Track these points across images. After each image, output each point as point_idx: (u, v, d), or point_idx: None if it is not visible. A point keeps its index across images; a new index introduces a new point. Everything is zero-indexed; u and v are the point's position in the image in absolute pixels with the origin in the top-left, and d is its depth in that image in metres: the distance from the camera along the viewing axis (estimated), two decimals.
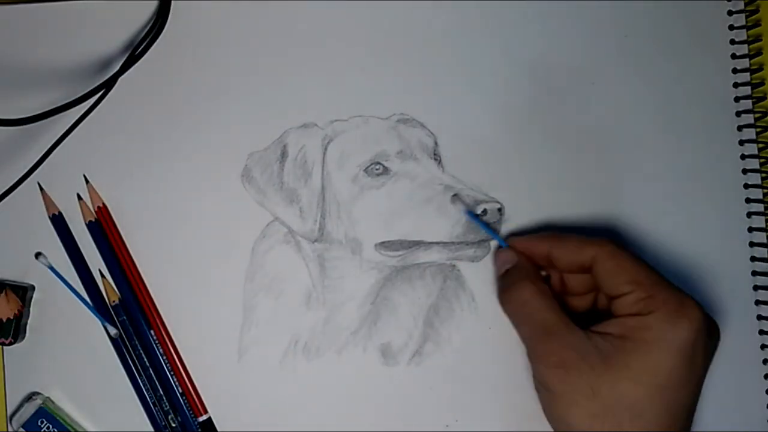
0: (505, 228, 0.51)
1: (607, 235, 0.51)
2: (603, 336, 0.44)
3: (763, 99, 0.52)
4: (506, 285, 0.48)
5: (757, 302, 0.51)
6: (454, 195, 0.50)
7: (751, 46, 0.51)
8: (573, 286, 0.48)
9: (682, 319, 0.42)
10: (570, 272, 0.47)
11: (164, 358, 0.50)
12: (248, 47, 0.52)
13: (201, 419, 0.50)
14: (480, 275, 0.51)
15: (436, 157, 0.51)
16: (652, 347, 0.42)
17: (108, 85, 0.49)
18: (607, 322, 0.44)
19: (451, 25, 0.52)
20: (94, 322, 0.50)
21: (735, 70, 0.51)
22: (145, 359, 0.50)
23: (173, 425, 0.50)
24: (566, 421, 0.44)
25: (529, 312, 0.46)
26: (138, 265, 0.51)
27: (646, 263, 0.45)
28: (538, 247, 0.48)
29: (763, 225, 0.51)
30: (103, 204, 0.51)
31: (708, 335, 0.43)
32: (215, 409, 0.51)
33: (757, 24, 0.51)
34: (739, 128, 0.51)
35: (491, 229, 0.50)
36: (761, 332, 0.50)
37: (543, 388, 0.45)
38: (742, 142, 0.51)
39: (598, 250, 0.45)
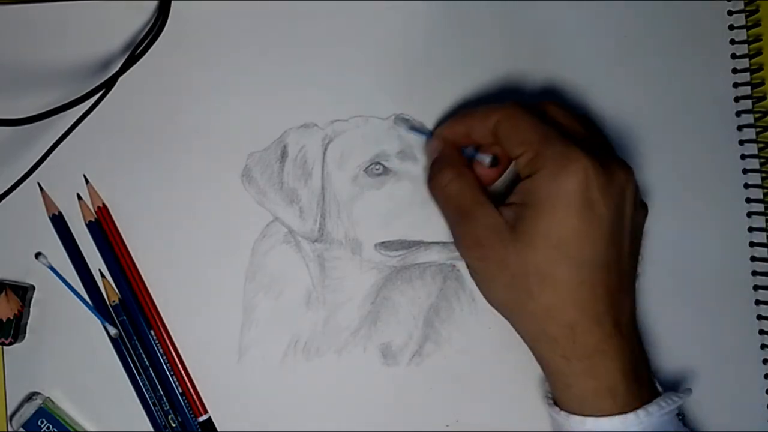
0: None
1: None
2: (511, 206, 0.44)
3: (763, 99, 0.52)
4: (431, 174, 0.48)
5: (757, 302, 0.51)
6: (397, 117, 0.51)
7: (751, 46, 0.51)
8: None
9: (566, 172, 0.42)
10: (487, 143, 0.47)
11: (164, 358, 0.50)
12: (248, 47, 0.52)
13: (201, 419, 0.50)
14: None
15: None
16: (543, 207, 0.42)
17: (108, 85, 0.49)
18: (513, 191, 0.45)
19: (451, 25, 0.52)
20: (94, 322, 0.50)
21: (735, 70, 0.51)
22: (145, 359, 0.50)
23: (173, 425, 0.50)
24: (489, 297, 0.46)
25: (448, 195, 0.47)
26: (138, 265, 0.51)
27: (542, 121, 0.44)
28: (456, 128, 0.48)
29: (763, 225, 0.51)
30: (103, 204, 0.51)
31: (604, 182, 0.42)
32: (215, 409, 0.51)
33: (757, 24, 0.51)
34: (739, 128, 0.51)
35: (418, 130, 0.50)
36: (761, 332, 0.50)
37: (470, 270, 0.46)
38: (742, 142, 0.51)
39: (499, 115, 0.45)
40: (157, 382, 0.50)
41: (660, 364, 0.50)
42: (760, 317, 0.50)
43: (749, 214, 0.51)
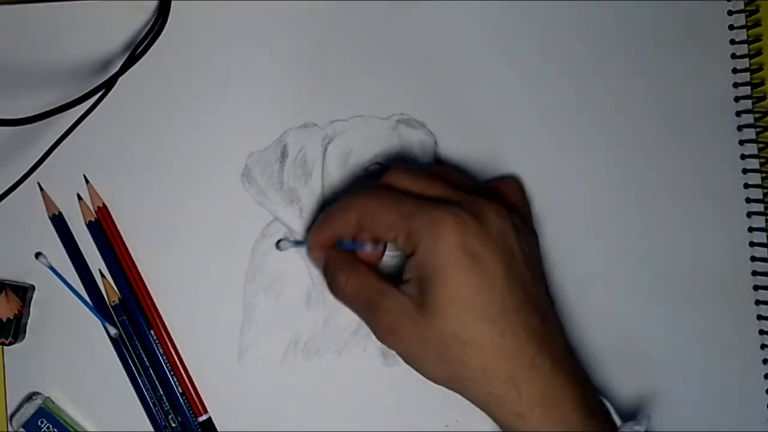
0: None
1: (605, 233, 0.51)
2: (409, 283, 0.44)
3: (763, 99, 0.52)
4: (326, 281, 0.48)
5: (757, 302, 0.51)
6: (278, 241, 0.51)
7: (751, 46, 0.51)
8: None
9: (439, 237, 0.42)
10: (359, 237, 0.46)
11: (164, 358, 0.50)
12: (248, 47, 0.52)
13: (201, 419, 0.50)
14: None
15: (436, 157, 0.51)
16: (437, 277, 0.42)
17: (108, 85, 0.49)
18: (406, 268, 0.45)
19: (451, 25, 0.52)
20: (94, 322, 0.50)
21: (735, 70, 0.51)
22: (145, 359, 0.50)
23: (173, 425, 0.50)
24: (427, 376, 0.45)
25: (350, 295, 0.46)
26: (138, 265, 0.51)
27: (397, 198, 0.44)
28: (325, 233, 0.47)
29: (763, 225, 0.51)
30: (103, 204, 0.51)
31: (479, 229, 0.42)
32: (215, 409, 0.51)
33: (757, 24, 0.51)
34: (739, 128, 0.51)
35: (299, 242, 0.50)
36: (761, 332, 0.50)
37: (400, 357, 0.46)
38: (742, 142, 0.51)
39: (355, 211, 0.45)
40: (157, 382, 0.50)
41: (660, 363, 0.50)
42: (760, 317, 0.50)
43: (749, 214, 0.51)
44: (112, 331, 0.50)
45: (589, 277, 0.51)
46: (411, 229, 0.43)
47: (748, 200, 0.51)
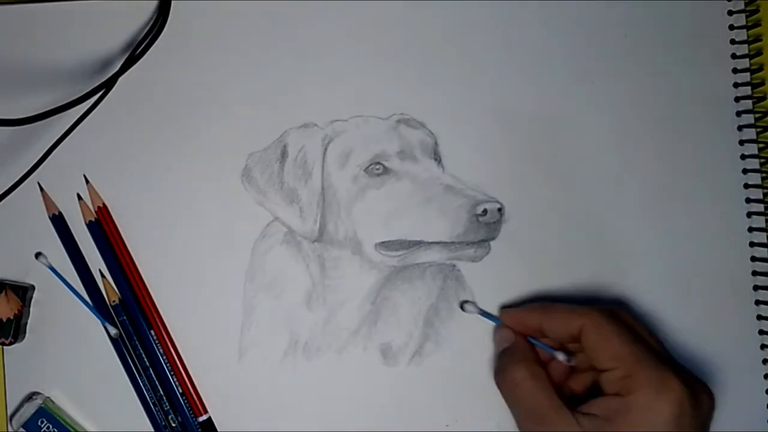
0: (506, 228, 0.51)
1: (605, 234, 0.51)
2: (590, 417, 0.43)
3: (763, 99, 0.52)
4: (500, 367, 0.48)
5: (757, 302, 0.51)
6: (464, 302, 0.50)
7: (751, 46, 0.51)
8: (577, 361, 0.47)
9: (663, 398, 0.42)
10: (562, 342, 0.47)
11: (164, 358, 0.50)
12: (248, 47, 0.52)
13: (201, 419, 0.50)
14: (480, 275, 0.51)
15: (436, 157, 0.51)
16: (631, 428, 0.42)
17: (108, 85, 0.49)
18: (594, 401, 0.44)
19: (451, 25, 0.52)
20: (94, 322, 0.50)
21: (735, 70, 0.51)
22: (145, 359, 0.50)
23: (173, 425, 0.50)
24: None
25: (521, 395, 0.46)
26: (138, 265, 0.51)
27: (632, 337, 0.44)
28: (530, 320, 0.47)
29: (763, 225, 0.51)
30: (103, 204, 0.51)
31: (695, 407, 0.42)
32: (215, 409, 0.51)
33: (757, 24, 0.51)
34: (739, 128, 0.51)
35: (487, 314, 0.50)
36: (761, 332, 0.50)
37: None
38: (742, 142, 0.51)
39: (585, 321, 0.45)
40: (157, 382, 0.50)
41: None
42: (760, 317, 0.50)
43: (749, 214, 0.51)
44: (112, 331, 0.50)
45: (589, 277, 0.51)
46: (636, 374, 0.43)
47: (748, 200, 0.51)
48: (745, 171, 0.51)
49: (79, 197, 0.51)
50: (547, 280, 0.50)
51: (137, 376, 0.50)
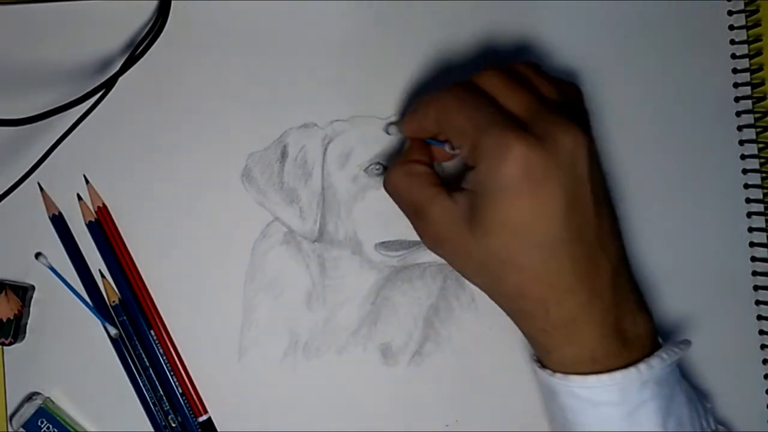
0: None
1: None
2: (465, 193, 0.44)
3: (763, 99, 0.52)
4: (384, 178, 0.48)
5: (757, 302, 0.51)
6: (390, 124, 0.51)
7: (751, 46, 0.51)
8: None
9: (503, 161, 0.41)
10: (439, 132, 0.46)
11: (164, 358, 0.50)
12: (248, 47, 0.51)
13: (201, 419, 0.50)
14: None
15: None
16: (492, 197, 0.42)
17: (108, 85, 0.49)
18: (465, 177, 0.44)
19: (451, 26, 0.52)
20: (94, 322, 0.50)
21: (735, 70, 0.51)
22: (145, 359, 0.50)
23: (173, 425, 0.50)
24: (468, 280, 0.46)
25: (400, 197, 0.47)
26: (138, 265, 0.51)
27: (475, 107, 0.43)
28: (411, 123, 0.47)
29: (763, 225, 0.51)
30: (103, 204, 0.51)
31: (547, 156, 0.41)
32: (215, 409, 0.51)
33: (757, 24, 0.51)
34: (739, 128, 0.51)
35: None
36: (761, 332, 0.50)
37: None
38: (742, 142, 0.51)
39: (436, 107, 0.45)
40: (157, 382, 0.50)
41: None
42: (760, 317, 0.50)
43: (749, 214, 0.51)
44: (112, 331, 0.50)
45: None
46: (478, 144, 0.42)
47: (748, 200, 0.51)
48: (745, 171, 0.51)
49: (79, 197, 0.51)
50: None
51: (137, 376, 0.50)
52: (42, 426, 0.49)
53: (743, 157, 0.51)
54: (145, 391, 0.50)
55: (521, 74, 0.45)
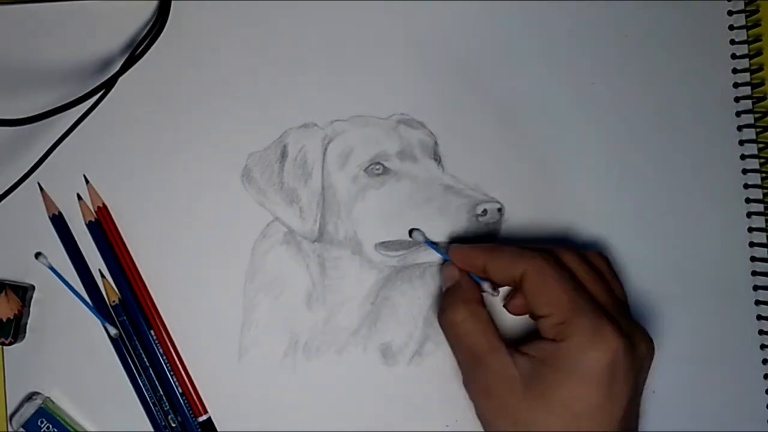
0: (506, 228, 0.51)
1: (605, 233, 0.51)
2: (527, 358, 0.44)
3: (763, 99, 0.52)
4: (442, 306, 0.48)
5: (757, 302, 0.51)
6: (413, 230, 0.50)
7: (751, 46, 0.51)
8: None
9: (596, 347, 0.42)
10: (505, 285, 0.47)
11: (164, 358, 0.50)
12: (248, 47, 0.51)
13: (201, 419, 0.50)
14: None
15: (436, 157, 0.51)
16: (565, 377, 0.42)
17: (108, 85, 0.49)
18: (533, 344, 0.44)
19: (451, 25, 0.52)
20: (94, 322, 0.50)
21: (735, 70, 0.51)
22: (145, 359, 0.50)
23: (173, 425, 0.50)
24: None
25: (460, 335, 0.46)
26: (138, 265, 0.51)
27: (572, 284, 0.44)
28: (475, 259, 0.47)
29: (763, 225, 0.51)
30: (103, 204, 0.51)
31: (629, 359, 0.42)
32: (215, 409, 0.51)
33: (757, 24, 0.51)
34: (739, 128, 0.51)
35: (435, 245, 0.50)
36: (761, 332, 0.50)
37: (476, 413, 0.46)
38: (742, 142, 0.51)
39: (526, 265, 0.44)
40: (157, 382, 0.50)
41: (660, 363, 0.50)
42: (760, 317, 0.50)
43: (749, 214, 0.51)
44: (112, 331, 0.50)
45: None
46: (572, 321, 0.43)
47: (748, 200, 0.51)
48: (745, 171, 0.51)
49: (79, 197, 0.51)
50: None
51: (137, 376, 0.50)
52: (42, 426, 0.49)
53: (743, 157, 0.51)
54: (145, 391, 0.50)
55: (595, 265, 0.46)
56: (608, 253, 0.50)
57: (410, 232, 0.50)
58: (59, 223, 0.51)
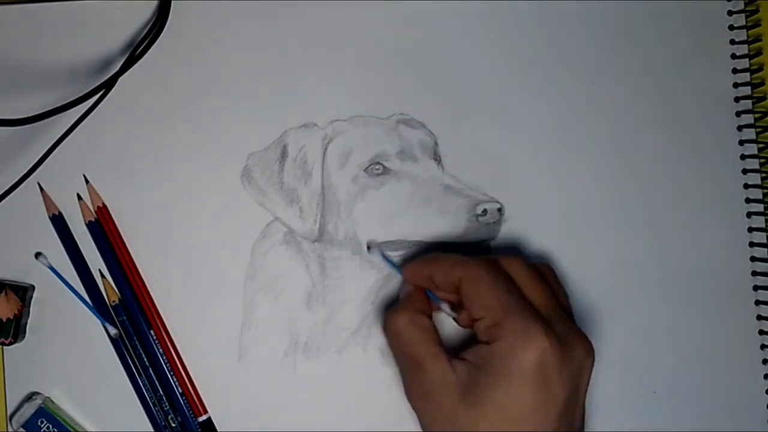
0: (506, 228, 0.51)
1: (605, 233, 0.51)
2: (465, 363, 0.44)
3: (763, 99, 0.52)
4: (386, 314, 0.48)
5: (757, 302, 0.51)
6: (368, 247, 0.50)
7: (751, 46, 0.51)
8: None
9: (525, 347, 0.42)
10: (448, 292, 0.47)
11: (164, 358, 0.50)
12: (248, 47, 0.52)
13: (201, 419, 0.50)
14: None
15: (436, 157, 0.51)
16: (497, 379, 0.42)
17: (108, 85, 0.49)
18: (469, 349, 0.44)
19: (451, 25, 0.52)
20: (94, 322, 0.50)
21: (735, 70, 0.51)
22: (145, 359, 0.50)
23: (173, 425, 0.50)
24: None
25: (400, 343, 0.46)
26: (138, 265, 0.51)
27: (506, 287, 0.44)
28: (422, 271, 0.47)
29: (763, 225, 0.51)
30: (103, 204, 0.51)
31: (561, 358, 0.42)
32: (215, 409, 0.51)
33: (757, 24, 0.51)
34: (739, 128, 0.51)
35: (390, 261, 0.50)
36: (761, 332, 0.50)
37: (417, 416, 0.46)
38: (742, 142, 0.51)
39: (463, 271, 0.45)
40: (157, 382, 0.50)
41: (660, 363, 0.50)
42: (760, 317, 0.50)
43: (749, 214, 0.51)
44: (112, 331, 0.50)
45: (589, 277, 0.51)
46: (502, 323, 0.43)
47: (748, 200, 0.51)
48: (745, 171, 0.51)
49: (79, 197, 0.51)
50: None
51: (137, 376, 0.50)
52: (42, 426, 0.49)
53: (743, 157, 0.51)
54: (145, 391, 0.50)
55: (540, 272, 0.46)
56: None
57: (368, 246, 0.50)
58: (59, 223, 0.51)
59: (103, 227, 0.51)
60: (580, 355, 0.44)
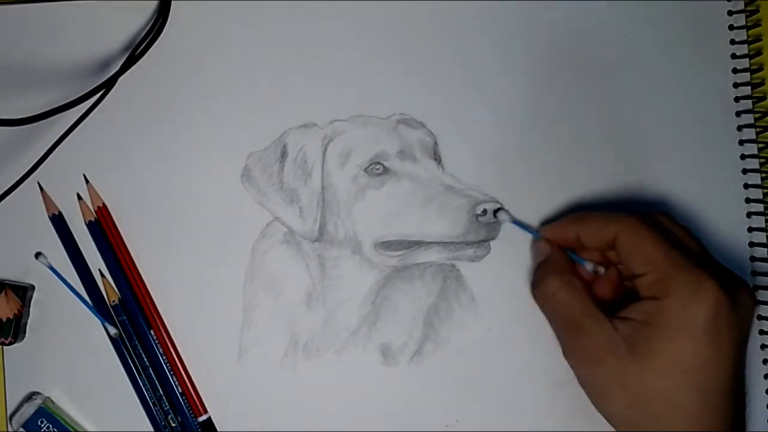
0: (504, 229, 0.51)
1: None
2: (628, 322, 0.43)
3: (763, 99, 0.52)
4: (535, 280, 0.48)
5: (757, 302, 0.51)
6: (498, 210, 0.50)
7: (751, 46, 0.51)
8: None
9: (699, 300, 0.41)
10: (599, 251, 0.46)
11: (164, 358, 0.50)
12: (248, 47, 0.52)
13: (201, 419, 0.50)
14: (480, 275, 0.51)
15: (436, 157, 0.51)
16: (671, 333, 0.42)
17: (108, 85, 0.49)
18: (631, 306, 0.44)
19: (451, 25, 0.52)
20: (94, 322, 0.50)
21: (735, 70, 0.51)
22: (145, 359, 0.50)
23: (173, 425, 0.50)
24: (608, 412, 0.44)
25: (555, 306, 0.46)
26: (138, 265, 0.51)
27: (667, 240, 0.44)
28: (566, 231, 0.47)
29: (763, 225, 0.51)
30: (103, 204, 0.51)
31: (732, 309, 0.42)
32: (215, 409, 0.51)
33: (757, 24, 0.51)
34: (739, 128, 0.51)
35: (523, 224, 0.50)
36: (761, 332, 0.50)
37: (580, 383, 0.45)
38: (742, 142, 0.51)
39: (619, 227, 0.44)
40: (157, 382, 0.50)
41: None
42: (760, 317, 0.50)
43: (749, 214, 0.51)
44: (112, 331, 0.50)
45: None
46: (671, 277, 0.42)
47: (748, 200, 0.51)
48: (745, 171, 0.51)
49: (79, 197, 0.51)
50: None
51: (137, 376, 0.50)
52: (42, 426, 0.49)
53: (743, 157, 0.51)
54: (145, 391, 0.50)
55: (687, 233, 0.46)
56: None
57: (495, 212, 0.50)
58: (59, 223, 0.51)
59: (103, 227, 0.51)
60: (747, 304, 0.43)
